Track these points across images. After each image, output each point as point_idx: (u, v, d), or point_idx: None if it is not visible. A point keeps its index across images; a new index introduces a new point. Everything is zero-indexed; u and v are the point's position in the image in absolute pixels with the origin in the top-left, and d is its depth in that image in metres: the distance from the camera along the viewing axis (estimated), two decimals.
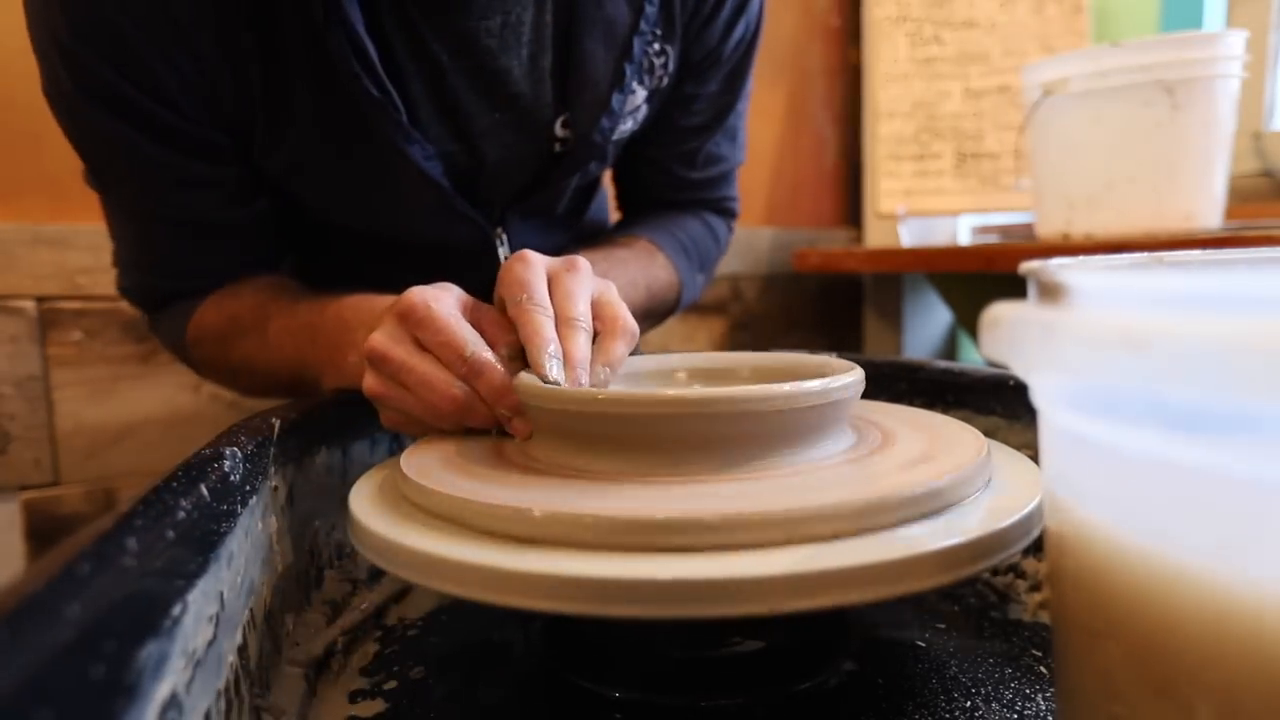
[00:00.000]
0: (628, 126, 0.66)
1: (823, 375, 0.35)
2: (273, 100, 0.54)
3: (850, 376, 0.36)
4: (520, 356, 0.40)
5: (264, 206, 0.61)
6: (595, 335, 0.42)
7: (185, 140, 0.54)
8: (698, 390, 0.37)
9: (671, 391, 0.34)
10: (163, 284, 0.63)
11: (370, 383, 0.42)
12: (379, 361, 0.41)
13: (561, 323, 0.40)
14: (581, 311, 0.41)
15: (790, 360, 0.44)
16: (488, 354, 0.40)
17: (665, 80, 0.66)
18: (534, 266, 0.42)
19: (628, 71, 0.60)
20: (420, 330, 0.40)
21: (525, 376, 0.38)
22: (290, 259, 0.70)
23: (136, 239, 0.62)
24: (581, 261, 0.44)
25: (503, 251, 0.65)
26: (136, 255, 0.63)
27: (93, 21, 0.48)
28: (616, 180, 0.82)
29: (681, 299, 0.76)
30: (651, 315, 0.73)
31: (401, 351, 0.40)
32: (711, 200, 0.80)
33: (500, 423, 0.40)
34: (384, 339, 0.41)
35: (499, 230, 0.65)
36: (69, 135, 0.55)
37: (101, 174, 0.58)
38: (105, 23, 0.48)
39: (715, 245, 0.80)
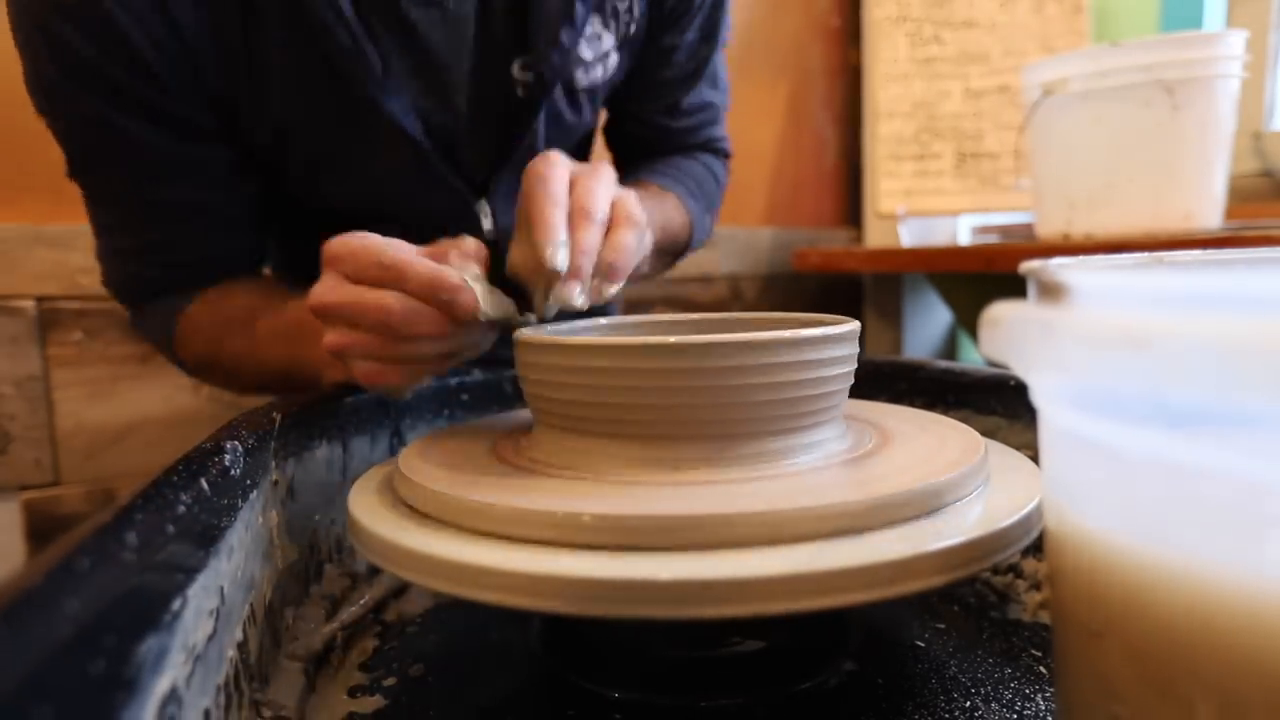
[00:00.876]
0: (598, 74, 0.66)
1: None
2: (254, 64, 0.54)
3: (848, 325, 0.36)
4: (481, 278, 0.41)
5: (250, 192, 0.62)
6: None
7: (171, 119, 0.54)
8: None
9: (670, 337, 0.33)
10: (148, 273, 0.62)
11: (327, 340, 0.41)
12: (322, 313, 0.40)
13: (575, 212, 0.41)
14: (599, 206, 0.41)
15: (785, 317, 0.44)
16: (403, 253, 0.39)
17: (633, 27, 0.67)
18: (556, 163, 0.43)
19: (579, 9, 0.60)
20: (343, 264, 0.40)
21: (525, 332, 0.38)
22: (275, 256, 0.71)
23: (122, 227, 0.61)
24: (605, 166, 0.45)
25: (486, 223, 0.65)
26: (122, 244, 0.62)
27: (80, 8, 0.49)
28: (609, 146, 0.83)
29: (693, 239, 0.77)
30: (665, 254, 0.73)
31: (334, 294, 0.40)
32: (703, 144, 0.81)
33: (451, 314, 0.39)
34: (318, 291, 0.40)
35: (481, 201, 0.65)
36: (54, 126, 0.55)
37: (87, 162, 0.57)
38: (94, 10, 0.49)
39: (716, 185, 0.82)
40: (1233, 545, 0.16)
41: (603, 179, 0.43)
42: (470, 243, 0.43)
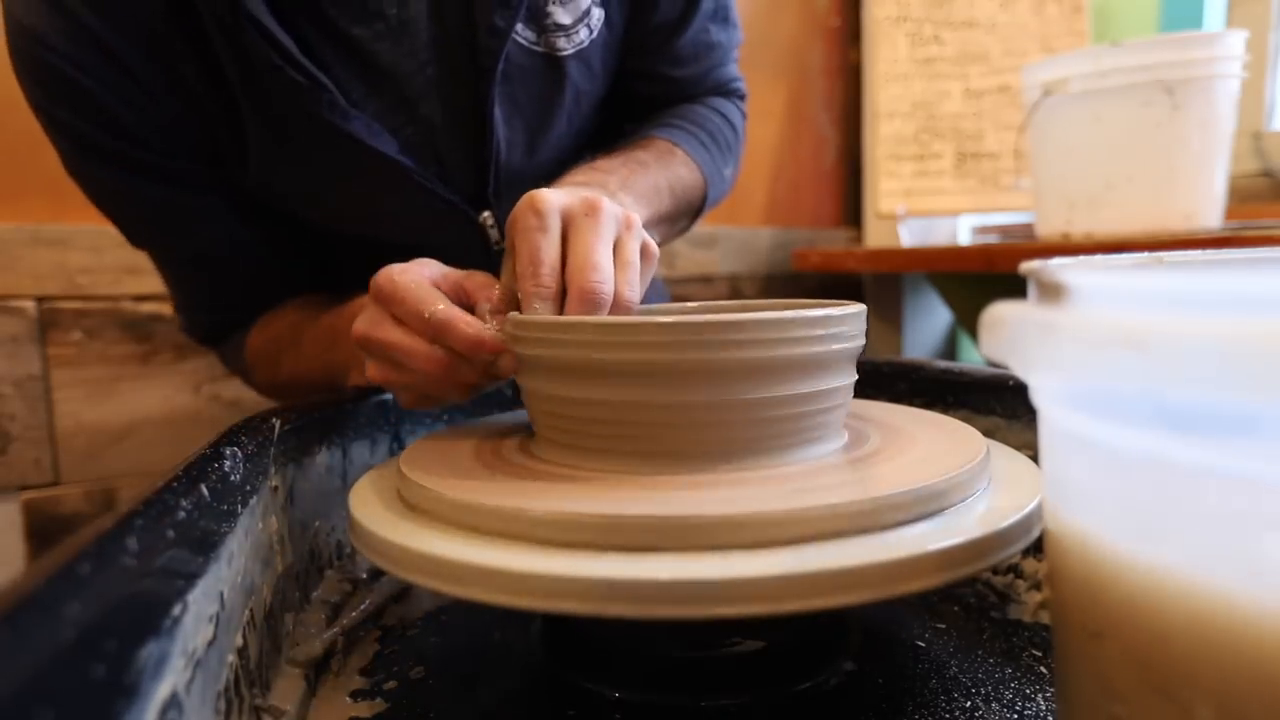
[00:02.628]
0: (582, 36, 0.63)
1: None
2: (226, 115, 0.55)
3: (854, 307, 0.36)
4: (505, 310, 0.41)
5: (269, 228, 0.63)
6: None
7: (165, 173, 0.57)
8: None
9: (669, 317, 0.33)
10: (210, 319, 0.67)
11: (370, 371, 0.43)
12: (365, 346, 0.42)
13: (573, 298, 0.38)
14: (600, 280, 0.38)
15: (789, 302, 0.44)
16: (451, 310, 0.39)
17: None
18: (547, 218, 0.40)
19: None
20: (391, 305, 0.41)
21: (516, 315, 0.38)
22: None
23: (177, 282, 0.66)
24: (602, 204, 0.41)
25: (493, 234, 0.64)
26: (182, 297, 0.67)
27: (51, 80, 0.52)
28: (617, 112, 0.77)
29: (708, 196, 0.73)
30: (678, 218, 0.70)
31: (380, 331, 0.41)
32: (713, 88, 0.77)
33: (493, 374, 0.40)
34: (363, 324, 0.42)
35: (485, 215, 0.63)
36: (92, 199, 0.59)
37: (126, 226, 0.62)
38: (62, 80, 0.52)
39: (733, 132, 0.76)
40: (1232, 546, 0.16)
41: (601, 225, 0.40)
42: (489, 286, 0.43)
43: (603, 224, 0.40)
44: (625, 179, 0.58)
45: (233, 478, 0.32)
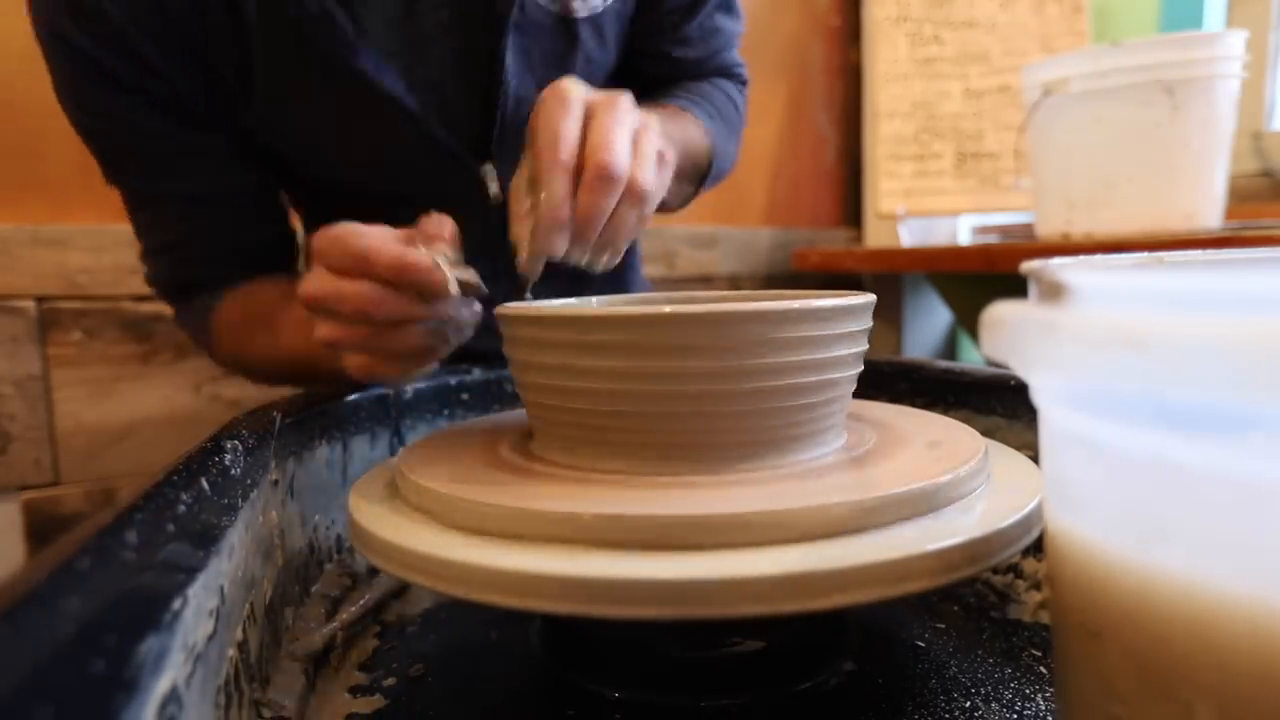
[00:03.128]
0: (596, 1, 0.64)
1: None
2: (238, 38, 0.55)
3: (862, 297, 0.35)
4: (449, 256, 0.40)
5: (264, 181, 0.64)
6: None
7: (173, 105, 0.57)
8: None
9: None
10: (181, 270, 0.65)
11: (318, 332, 0.41)
12: (310, 304, 0.41)
13: (589, 168, 0.38)
14: (617, 160, 0.39)
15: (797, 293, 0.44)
16: (372, 240, 0.39)
17: None
18: (570, 98, 0.40)
19: None
20: (326, 258, 0.40)
21: (510, 305, 0.37)
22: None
23: (152, 225, 0.64)
24: (624, 96, 0.42)
25: (493, 187, 0.64)
26: (155, 242, 0.65)
27: (77, 6, 0.52)
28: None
29: (713, 165, 0.74)
30: (684, 178, 0.70)
31: (316, 284, 0.40)
32: (716, 70, 0.79)
33: (424, 294, 0.39)
34: (304, 283, 0.41)
35: (487, 167, 0.63)
36: (80, 128, 0.59)
37: (114, 162, 0.61)
38: (88, 6, 0.52)
39: (736, 111, 0.78)
40: (1232, 546, 0.16)
41: (621, 113, 0.41)
42: (435, 222, 0.42)
43: (622, 112, 0.41)
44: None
45: (233, 471, 0.32)
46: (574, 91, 0.41)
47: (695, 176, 0.72)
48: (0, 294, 0.87)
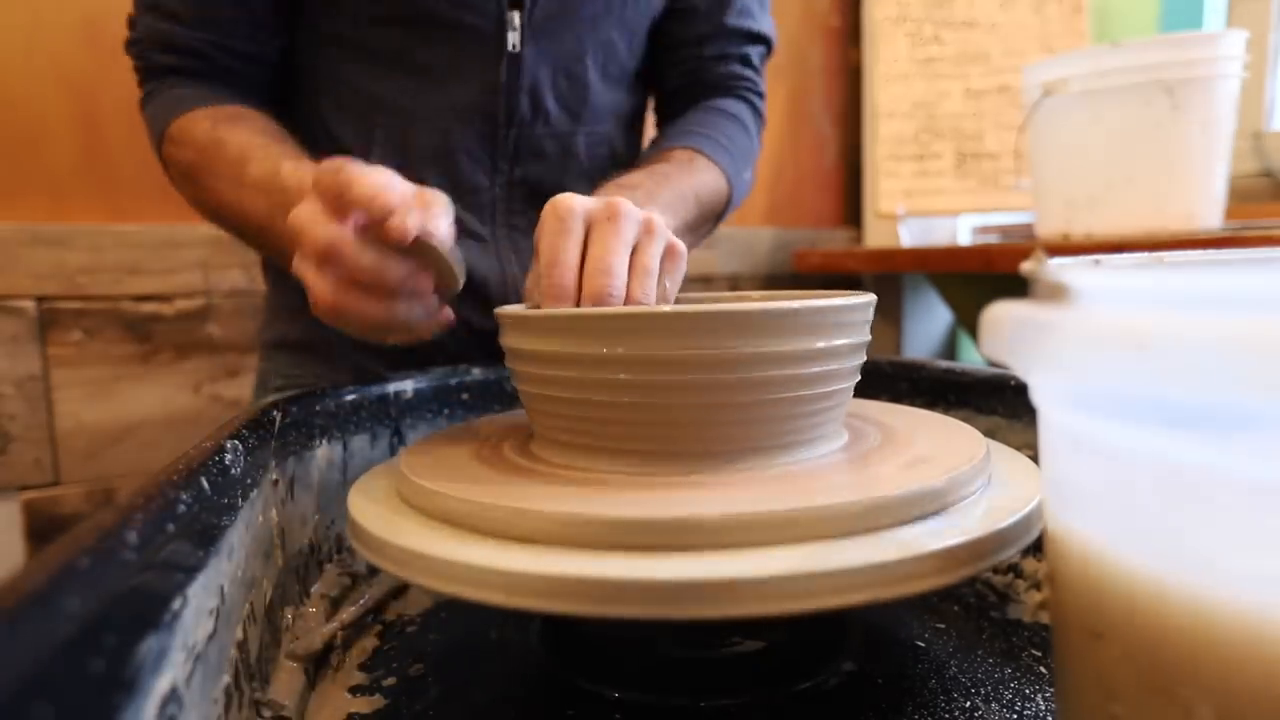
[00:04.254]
0: None
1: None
2: None
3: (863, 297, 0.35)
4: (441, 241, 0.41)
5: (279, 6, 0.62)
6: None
7: None
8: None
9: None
10: (169, 40, 0.61)
11: (299, 266, 0.42)
12: (296, 238, 0.41)
13: (585, 301, 0.39)
14: (611, 282, 0.39)
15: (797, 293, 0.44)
16: (362, 175, 0.39)
17: None
18: (570, 220, 0.40)
19: None
20: (320, 191, 0.40)
21: (509, 308, 0.38)
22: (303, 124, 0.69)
23: None
24: (622, 208, 0.41)
25: (512, 37, 0.63)
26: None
27: None
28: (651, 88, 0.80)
29: (732, 199, 0.73)
30: (703, 224, 0.70)
31: (324, 231, 0.40)
32: (734, 86, 0.78)
33: (385, 236, 0.39)
34: (298, 214, 0.41)
35: (513, 14, 0.63)
36: None
37: None
38: None
39: (749, 139, 0.78)
40: (1232, 547, 0.16)
41: (622, 228, 0.41)
42: (438, 201, 0.42)
43: (622, 228, 0.40)
44: (650, 191, 0.59)
45: (233, 471, 0.32)
46: (574, 207, 0.41)
47: (712, 217, 0.72)
48: (0, 294, 0.87)
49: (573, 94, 0.68)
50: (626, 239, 0.41)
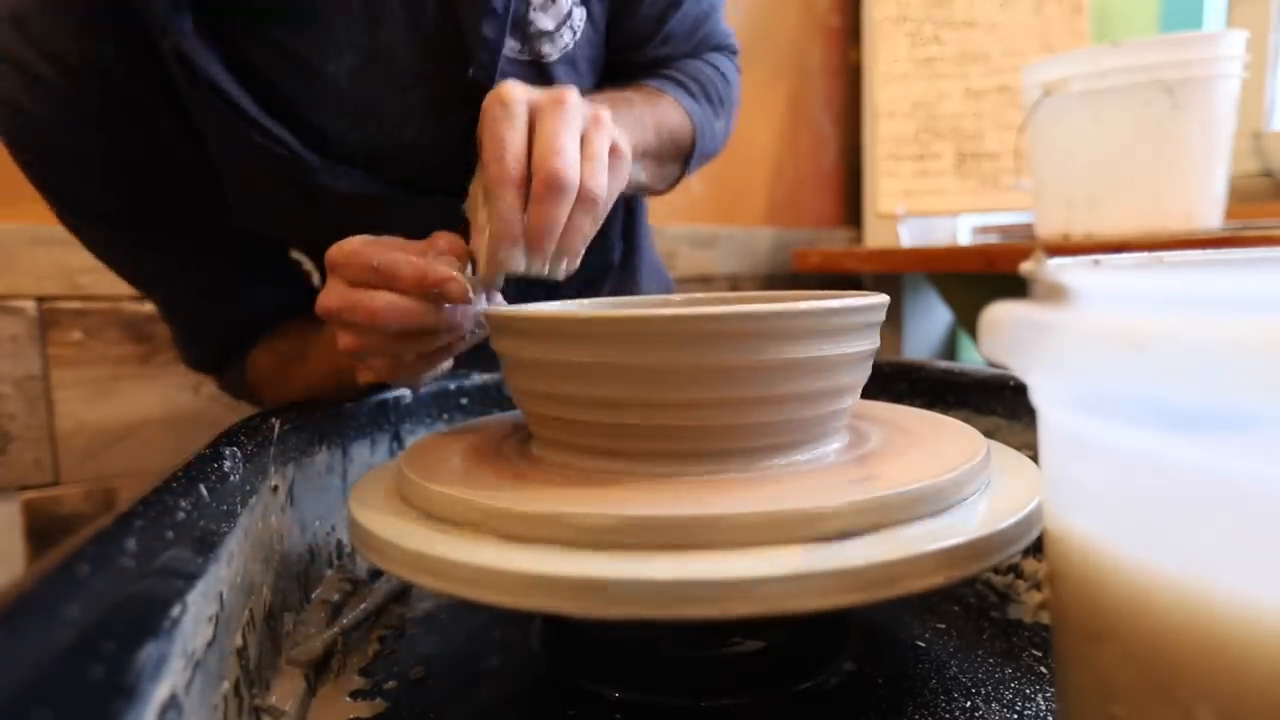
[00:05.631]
0: (566, 39, 0.61)
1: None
2: (202, 165, 0.55)
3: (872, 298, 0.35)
4: (460, 269, 0.41)
5: (268, 250, 0.64)
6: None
7: (162, 222, 0.57)
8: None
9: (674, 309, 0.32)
10: (218, 348, 0.66)
11: (340, 342, 0.42)
12: (328, 317, 0.42)
13: (538, 179, 0.38)
14: (566, 168, 0.38)
15: (793, 294, 0.44)
16: (394, 254, 0.40)
17: None
18: (513, 106, 0.40)
19: None
20: (343, 271, 0.41)
21: (499, 309, 0.37)
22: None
23: (184, 318, 0.66)
24: (570, 92, 0.41)
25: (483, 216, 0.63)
26: (188, 331, 0.66)
27: (39, 149, 0.53)
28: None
29: (697, 145, 0.69)
30: (665, 159, 0.67)
31: (334, 298, 0.41)
32: (707, 48, 0.76)
33: (446, 301, 0.40)
34: (323, 297, 0.42)
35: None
36: (98, 257, 0.61)
37: (132, 279, 0.63)
38: (48, 147, 0.53)
39: (725, 83, 0.74)
40: (1232, 546, 0.16)
41: (568, 113, 0.40)
42: (444, 240, 0.43)
43: (568, 113, 0.40)
44: (608, 107, 0.58)
45: (232, 477, 0.32)
46: (517, 95, 0.40)
47: (679, 155, 0.69)
48: (0, 294, 0.87)
49: None
50: (574, 126, 0.40)
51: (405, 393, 0.53)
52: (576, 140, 0.40)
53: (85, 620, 0.17)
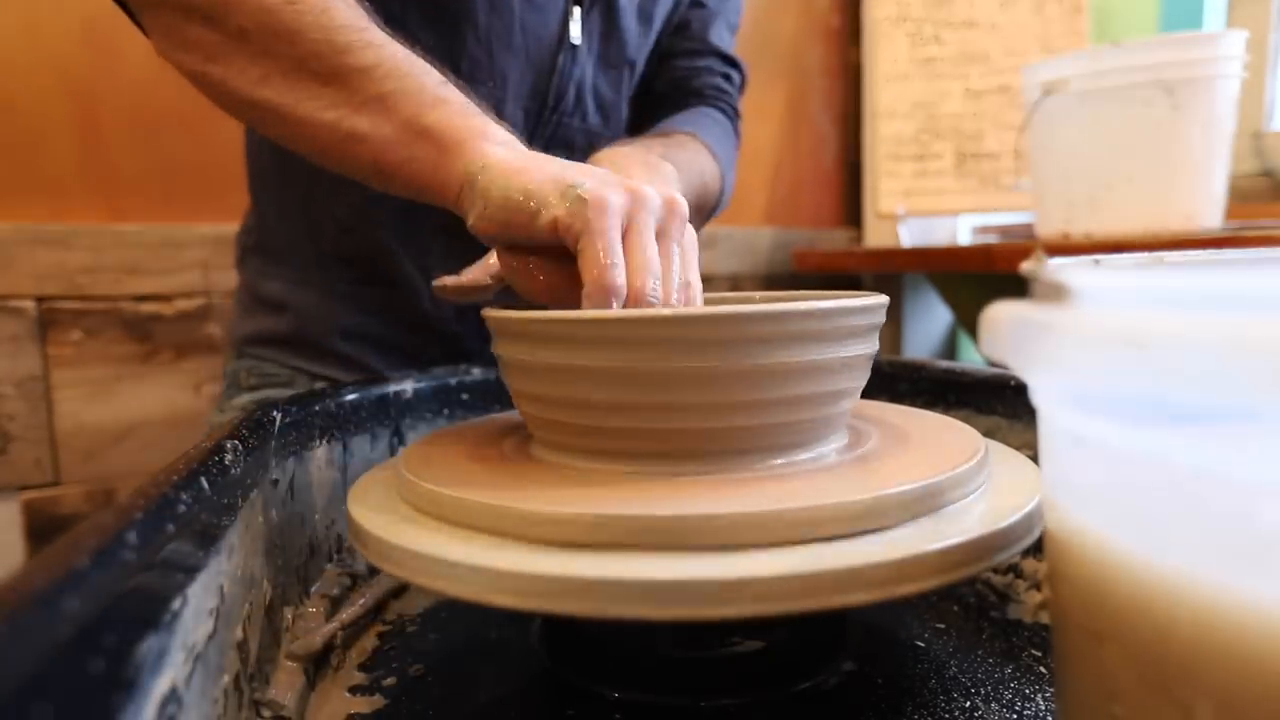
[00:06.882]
0: None
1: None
2: None
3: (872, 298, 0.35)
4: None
5: None
6: None
7: None
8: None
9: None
10: None
11: (502, 259, 0.42)
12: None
13: (632, 294, 0.37)
14: (651, 285, 0.38)
15: (793, 294, 0.44)
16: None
17: None
18: (613, 219, 0.38)
19: None
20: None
21: (498, 310, 0.37)
22: None
23: None
24: (649, 196, 0.40)
25: (574, 27, 0.65)
26: None
27: None
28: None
29: (722, 197, 0.74)
30: (701, 211, 0.71)
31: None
32: (717, 98, 0.79)
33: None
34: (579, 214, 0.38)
35: (574, 7, 0.65)
36: None
37: None
38: None
39: (732, 145, 0.79)
40: (1232, 546, 0.16)
41: (646, 219, 0.40)
42: None
43: (648, 221, 0.40)
44: (663, 156, 0.61)
45: (233, 471, 0.32)
46: (614, 204, 0.38)
47: (706, 208, 0.73)
48: (0, 294, 0.87)
49: (610, 98, 0.71)
50: (652, 232, 0.40)
51: (406, 387, 0.53)
52: (656, 251, 0.40)
53: (86, 613, 0.17)
